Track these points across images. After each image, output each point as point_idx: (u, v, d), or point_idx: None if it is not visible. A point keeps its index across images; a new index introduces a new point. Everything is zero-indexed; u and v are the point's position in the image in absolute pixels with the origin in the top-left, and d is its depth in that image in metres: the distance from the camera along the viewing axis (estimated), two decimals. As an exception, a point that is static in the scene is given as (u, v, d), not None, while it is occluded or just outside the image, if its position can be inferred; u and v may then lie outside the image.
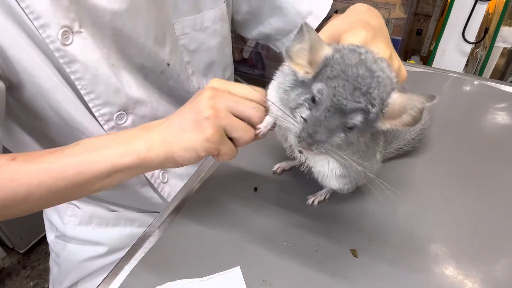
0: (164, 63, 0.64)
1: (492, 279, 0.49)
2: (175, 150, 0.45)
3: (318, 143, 0.39)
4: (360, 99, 0.37)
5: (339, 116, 0.38)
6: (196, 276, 0.49)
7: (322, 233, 0.54)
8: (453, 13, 1.35)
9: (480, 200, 0.58)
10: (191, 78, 0.71)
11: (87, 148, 0.46)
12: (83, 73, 0.55)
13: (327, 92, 0.38)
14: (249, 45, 1.76)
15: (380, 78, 0.38)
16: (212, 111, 0.44)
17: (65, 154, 0.46)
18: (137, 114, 0.63)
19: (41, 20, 0.50)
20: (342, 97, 0.37)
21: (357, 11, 0.54)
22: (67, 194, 0.48)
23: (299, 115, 0.41)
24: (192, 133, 0.44)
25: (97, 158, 0.45)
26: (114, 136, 0.49)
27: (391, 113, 0.39)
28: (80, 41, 0.53)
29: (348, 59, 0.39)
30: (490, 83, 0.83)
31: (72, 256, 0.76)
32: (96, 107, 0.58)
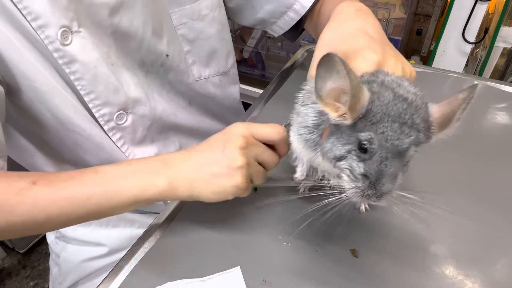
0: (163, 55, 0.64)
1: (492, 279, 0.49)
2: (201, 191, 0.48)
3: (387, 193, 0.38)
4: (410, 133, 0.37)
5: (398, 159, 0.37)
6: (196, 276, 0.49)
7: (322, 233, 0.54)
8: (453, 13, 1.35)
9: (480, 200, 0.58)
10: (191, 68, 0.70)
11: (108, 177, 0.47)
12: (82, 73, 0.55)
13: (377, 139, 0.36)
14: (249, 45, 1.76)
15: (414, 102, 0.38)
16: (244, 161, 0.46)
17: (86, 183, 0.46)
18: (137, 114, 0.63)
19: (39, 21, 0.50)
20: (394, 139, 0.36)
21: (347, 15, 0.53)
22: (86, 219, 0.49)
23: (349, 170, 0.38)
24: (224, 179, 0.47)
25: (119, 190, 0.46)
26: (132, 166, 0.48)
27: (440, 127, 0.38)
28: (79, 41, 0.53)
29: (383, 97, 0.37)
30: (490, 83, 0.83)
31: (72, 256, 0.76)
32: (96, 108, 0.58)
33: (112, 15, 0.55)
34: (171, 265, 0.52)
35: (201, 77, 0.72)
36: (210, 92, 0.75)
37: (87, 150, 0.63)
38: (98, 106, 0.58)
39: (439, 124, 0.38)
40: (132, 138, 0.66)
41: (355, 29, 0.49)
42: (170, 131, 0.73)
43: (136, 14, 0.58)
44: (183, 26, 0.66)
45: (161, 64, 0.65)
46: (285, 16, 0.73)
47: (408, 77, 0.45)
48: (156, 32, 0.61)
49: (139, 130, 0.65)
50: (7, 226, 0.44)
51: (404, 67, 0.47)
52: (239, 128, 0.49)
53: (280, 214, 0.58)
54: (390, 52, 0.47)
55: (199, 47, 0.70)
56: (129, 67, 0.61)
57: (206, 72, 0.73)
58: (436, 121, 0.38)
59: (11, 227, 0.44)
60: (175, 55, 0.66)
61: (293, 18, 0.72)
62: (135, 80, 0.63)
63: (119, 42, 0.58)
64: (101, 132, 0.61)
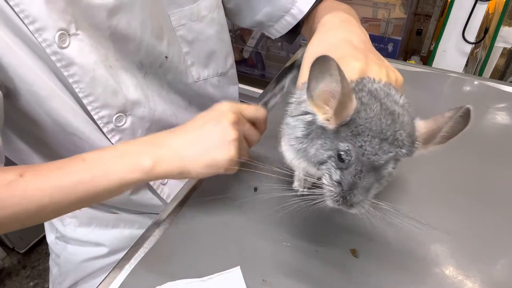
0: (162, 56, 0.64)
1: (492, 279, 0.49)
2: (192, 166, 0.49)
3: (357, 204, 0.39)
4: (389, 149, 0.37)
5: (373, 173, 0.38)
6: (196, 276, 0.49)
7: (322, 233, 0.54)
8: (453, 13, 1.35)
9: (480, 200, 0.58)
10: (190, 69, 0.70)
11: (94, 163, 0.47)
12: (81, 76, 0.55)
13: (354, 152, 0.37)
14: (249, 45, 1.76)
15: (400, 115, 0.38)
16: (236, 135, 0.49)
17: (73, 170, 0.46)
18: (136, 116, 0.63)
19: (36, 24, 0.49)
20: (371, 154, 0.36)
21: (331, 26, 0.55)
22: (77, 206, 0.49)
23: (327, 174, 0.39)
24: (218, 152, 0.49)
25: (105, 174, 0.47)
26: (117, 150, 0.49)
27: (424, 142, 0.39)
28: (77, 44, 0.53)
29: (370, 110, 0.37)
30: (490, 83, 0.83)
31: (72, 256, 0.76)
32: (94, 110, 0.58)
33: (110, 17, 0.55)
34: (171, 265, 0.52)
35: (200, 78, 0.72)
36: (209, 93, 0.75)
37: None
38: (97, 109, 0.58)
39: (424, 139, 0.39)
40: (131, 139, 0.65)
41: (338, 39, 0.51)
42: None
43: (134, 16, 0.58)
44: (182, 27, 0.66)
45: (160, 65, 0.65)
46: (282, 20, 0.73)
47: (394, 83, 0.45)
48: (155, 33, 0.61)
49: (138, 131, 0.65)
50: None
51: (389, 72, 0.48)
52: (229, 105, 0.52)
53: (280, 214, 0.57)
54: (373, 59, 0.48)
55: (198, 48, 0.70)
56: (128, 68, 0.61)
57: (205, 73, 0.73)
58: (421, 137, 0.39)
59: (4, 220, 0.44)
60: (174, 56, 0.66)
61: (290, 22, 0.72)
62: (134, 81, 0.62)
63: (118, 44, 0.58)
64: (100, 135, 0.61)
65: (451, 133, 0.38)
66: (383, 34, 1.70)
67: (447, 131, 0.38)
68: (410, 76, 0.89)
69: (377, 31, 1.71)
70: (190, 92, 0.72)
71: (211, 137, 0.49)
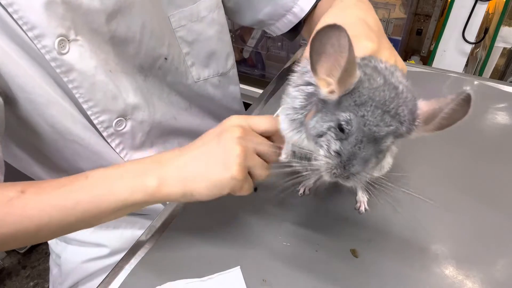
0: (162, 58, 0.64)
1: (492, 279, 0.49)
2: (195, 187, 0.45)
3: (355, 175, 0.38)
4: (391, 122, 0.37)
5: (373, 145, 0.37)
6: (196, 276, 0.49)
7: (322, 233, 0.54)
8: (453, 13, 1.35)
9: (480, 200, 0.58)
10: (190, 70, 0.70)
11: (97, 182, 0.45)
12: (80, 81, 0.54)
13: (356, 122, 0.36)
14: (249, 45, 1.76)
15: (404, 92, 0.38)
16: (241, 150, 0.44)
17: (75, 189, 0.44)
18: (136, 120, 0.63)
19: (35, 31, 0.49)
20: (373, 125, 0.36)
21: (348, 4, 0.52)
22: (76, 227, 0.47)
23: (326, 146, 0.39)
24: (219, 171, 0.44)
25: (107, 194, 0.44)
26: (123, 169, 0.47)
27: (424, 121, 0.38)
28: (76, 49, 0.53)
29: (373, 81, 0.37)
30: (490, 83, 0.83)
31: (73, 257, 0.75)
32: (94, 115, 0.58)
33: (109, 21, 0.55)
34: (171, 265, 0.52)
35: (200, 78, 0.72)
36: (209, 93, 0.75)
37: (86, 159, 0.63)
38: (97, 114, 0.58)
39: (425, 118, 0.38)
40: (131, 143, 0.65)
41: (355, 17, 0.48)
42: (170, 135, 0.72)
43: (133, 19, 0.57)
44: (182, 28, 0.66)
45: (159, 67, 0.65)
46: (284, 18, 0.73)
47: None
48: (154, 35, 0.61)
49: (138, 135, 0.65)
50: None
51: (397, 61, 0.47)
52: (235, 119, 0.47)
53: (280, 214, 0.58)
54: (386, 45, 0.47)
55: (198, 49, 0.69)
56: (128, 72, 0.61)
57: (205, 73, 0.73)
58: (422, 115, 0.38)
59: (3, 238, 0.42)
60: (174, 58, 0.66)
61: (292, 21, 0.72)
62: (134, 85, 0.62)
63: (117, 48, 0.58)
64: (99, 140, 0.61)
65: (450, 119, 0.37)
66: (383, 34, 1.70)
67: (446, 116, 0.37)
68: (410, 76, 0.88)
69: (377, 31, 1.71)
70: (191, 93, 0.72)
71: (212, 154, 0.45)
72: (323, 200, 0.59)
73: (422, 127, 0.39)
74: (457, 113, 0.37)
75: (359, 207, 0.57)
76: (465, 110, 0.37)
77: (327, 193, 0.60)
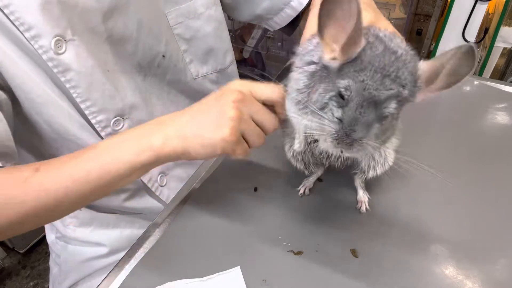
0: (160, 55, 0.64)
1: (492, 279, 0.49)
2: (191, 145, 0.46)
3: (358, 141, 0.38)
4: (391, 86, 0.37)
5: (374, 109, 0.37)
6: (196, 276, 0.49)
7: (322, 233, 0.54)
8: (453, 13, 1.36)
9: (480, 200, 0.58)
10: (189, 67, 0.70)
11: (104, 150, 0.47)
12: (78, 81, 0.54)
13: (355, 87, 0.37)
14: (249, 45, 1.76)
15: (403, 56, 0.38)
16: (236, 113, 0.45)
17: (84, 159, 0.47)
18: (134, 119, 0.63)
19: (32, 31, 0.49)
20: (372, 88, 0.36)
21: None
22: (93, 196, 0.49)
23: (331, 114, 0.39)
24: (211, 130, 0.45)
25: (115, 159, 0.46)
26: (127, 134, 0.49)
27: (427, 81, 0.38)
28: (73, 49, 0.53)
29: (375, 49, 0.38)
30: (490, 83, 0.83)
31: (73, 256, 0.75)
32: (92, 115, 0.58)
33: (105, 20, 0.55)
34: (171, 265, 0.52)
35: (198, 75, 0.72)
36: (208, 89, 0.75)
37: None
38: (95, 113, 0.58)
39: (427, 78, 0.38)
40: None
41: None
42: None
43: (130, 17, 0.57)
44: (179, 25, 0.66)
45: (158, 65, 0.65)
46: (282, 12, 0.73)
47: None
48: (152, 33, 0.61)
49: None
50: (20, 218, 0.44)
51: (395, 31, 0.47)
52: (238, 83, 0.48)
53: (280, 214, 0.58)
54: (382, 16, 0.48)
55: (196, 46, 0.69)
56: (127, 71, 0.61)
57: (203, 70, 0.73)
58: (424, 75, 0.38)
59: (25, 218, 0.44)
60: (172, 55, 0.66)
61: (290, 14, 0.72)
62: (132, 85, 0.62)
63: (115, 46, 0.58)
64: (97, 139, 0.61)
65: (456, 75, 0.37)
66: (383, 34, 1.70)
67: (451, 72, 0.37)
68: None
69: (377, 31, 1.71)
70: (190, 91, 0.72)
71: (208, 114, 0.47)
72: (323, 200, 0.59)
73: (427, 88, 0.38)
74: (461, 68, 0.37)
75: (360, 207, 0.57)
76: (470, 64, 0.36)
77: (327, 193, 0.60)
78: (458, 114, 0.75)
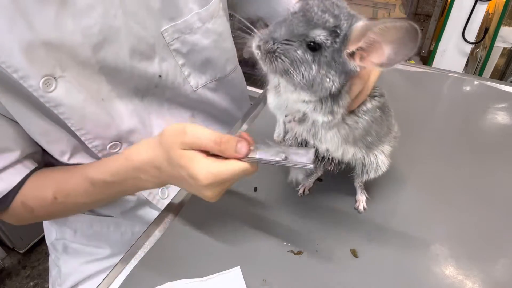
0: (156, 76, 0.63)
1: (492, 279, 0.49)
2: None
3: (275, 43, 0.39)
4: (329, 18, 0.38)
5: (303, 25, 0.39)
6: (196, 276, 0.49)
7: (322, 233, 0.54)
8: (453, 13, 1.35)
9: (480, 200, 0.58)
10: (188, 80, 0.69)
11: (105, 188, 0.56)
12: (70, 114, 0.54)
13: (301, 5, 0.39)
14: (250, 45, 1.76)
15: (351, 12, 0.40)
16: (213, 196, 0.48)
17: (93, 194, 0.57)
18: (131, 142, 0.62)
19: (20, 73, 0.48)
20: (313, 11, 0.38)
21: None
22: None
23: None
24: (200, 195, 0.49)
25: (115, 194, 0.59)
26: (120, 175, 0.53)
27: (355, 35, 0.39)
28: (63, 85, 0.52)
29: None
30: (490, 83, 0.83)
31: (73, 258, 0.75)
32: (88, 140, 0.58)
33: (95, 52, 0.54)
34: (171, 265, 0.52)
35: (198, 86, 0.70)
36: (208, 98, 0.74)
37: None
38: (90, 139, 0.58)
39: (358, 31, 0.39)
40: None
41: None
42: None
43: (121, 45, 0.56)
44: (175, 41, 0.64)
45: (156, 85, 0.64)
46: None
47: None
48: (145, 56, 0.60)
49: None
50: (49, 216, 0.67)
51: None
52: (202, 177, 0.45)
53: (280, 214, 0.58)
54: None
55: (194, 58, 0.68)
56: (123, 96, 0.61)
57: (202, 80, 0.71)
58: (355, 29, 0.39)
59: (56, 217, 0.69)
60: (169, 73, 0.65)
61: None
62: (130, 108, 0.62)
63: (109, 75, 0.57)
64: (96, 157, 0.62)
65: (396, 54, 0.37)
66: (383, 34, 1.70)
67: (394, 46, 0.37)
68: (410, 76, 0.89)
69: (377, 31, 1.71)
70: (191, 102, 0.71)
71: (191, 190, 0.51)
72: (323, 200, 0.59)
73: (353, 42, 0.39)
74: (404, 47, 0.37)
75: (358, 206, 0.58)
76: (413, 46, 0.36)
77: (327, 193, 0.60)
78: (458, 114, 0.75)
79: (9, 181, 0.56)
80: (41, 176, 0.59)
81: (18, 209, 0.58)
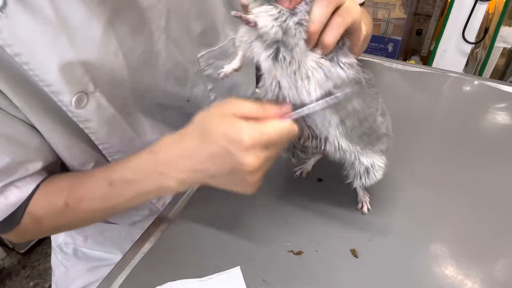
0: (184, 100, 0.62)
1: (492, 279, 0.49)
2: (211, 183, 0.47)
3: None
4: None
5: None
6: (196, 276, 0.49)
7: (322, 233, 0.54)
8: (453, 13, 1.36)
9: (480, 200, 0.58)
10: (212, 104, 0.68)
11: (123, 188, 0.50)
12: (97, 129, 0.53)
13: None
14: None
15: None
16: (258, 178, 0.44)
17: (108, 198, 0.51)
18: None
19: (52, 88, 0.47)
20: None
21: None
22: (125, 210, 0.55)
23: None
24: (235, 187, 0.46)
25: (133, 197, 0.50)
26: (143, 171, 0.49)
27: None
28: (94, 101, 0.51)
29: None
30: (490, 83, 0.83)
31: (82, 262, 0.75)
32: (109, 154, 0.57)
33: (133, 73, 0.53)
34: (171, 265, 0.52)
35: None
36: None
37: None
38: (111, 153, 0.57)
39: None
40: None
41: None
42: None
43: (158, 70, 0.55)
44: (209, 66, 0.64)
45: (180, 106, 0.63)
46: None
47: None
48: (179, 81, 0.60)
49: None
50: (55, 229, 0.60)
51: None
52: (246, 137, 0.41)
53: (280, 214, 0.58)
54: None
55: (222, 83, 0.68)
56: (146, 110, 0.60)
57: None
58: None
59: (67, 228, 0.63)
60: (197, 98, 0.64)
61: None
62: (151, 122, 0.61)
63: (137, 92, 0.56)
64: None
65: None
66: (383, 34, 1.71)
67: None
68: (410, 76, 0.89)
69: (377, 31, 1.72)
70: None
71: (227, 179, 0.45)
72: (323, 200, 0.59)
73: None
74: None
75: (361, 207, 0.57)
76: None
77: (327, 193, 0.60)
78: (458, 114, 0.75)
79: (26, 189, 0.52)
80: (53, 181, 0.55)
81: (25, 221, 0.53)
